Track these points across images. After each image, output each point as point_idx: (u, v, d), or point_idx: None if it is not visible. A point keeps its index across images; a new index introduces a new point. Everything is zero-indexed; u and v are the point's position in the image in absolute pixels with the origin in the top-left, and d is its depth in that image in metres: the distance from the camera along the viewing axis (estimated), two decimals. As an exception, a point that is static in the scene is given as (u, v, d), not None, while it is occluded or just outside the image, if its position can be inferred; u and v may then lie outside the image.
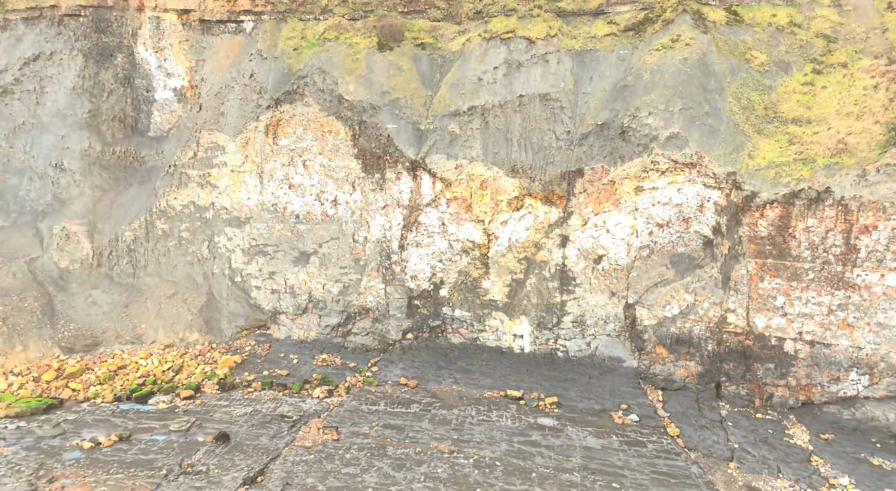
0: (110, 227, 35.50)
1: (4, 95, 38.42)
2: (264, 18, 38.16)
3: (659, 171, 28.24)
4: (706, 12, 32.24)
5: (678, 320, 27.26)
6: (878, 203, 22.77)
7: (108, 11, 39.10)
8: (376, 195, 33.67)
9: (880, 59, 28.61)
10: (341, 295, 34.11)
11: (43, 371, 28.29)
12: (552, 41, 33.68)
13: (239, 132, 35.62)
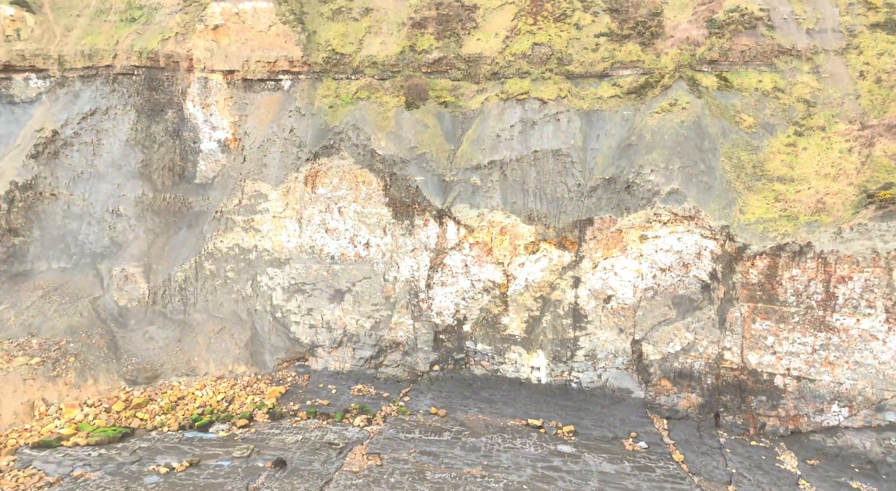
0: (164, 268, 38.62)
1: (65, 147, 41.87)
2: (301, 78, 41.76)
3: (661, 222, 31.43)
4: (700, 78, 35.78)
5: (680, 356, 30.20)
6: (852, 257, 25.87)
7: (160, 71, 42.76)
8: (405, 239, 36.84)
9: (854, 124, 32.00)
10: (373, 330, 37.06)
11: (112, 402, 31.14)
12: (562, 102, 37.18)
13: (281, 182, 38.94)
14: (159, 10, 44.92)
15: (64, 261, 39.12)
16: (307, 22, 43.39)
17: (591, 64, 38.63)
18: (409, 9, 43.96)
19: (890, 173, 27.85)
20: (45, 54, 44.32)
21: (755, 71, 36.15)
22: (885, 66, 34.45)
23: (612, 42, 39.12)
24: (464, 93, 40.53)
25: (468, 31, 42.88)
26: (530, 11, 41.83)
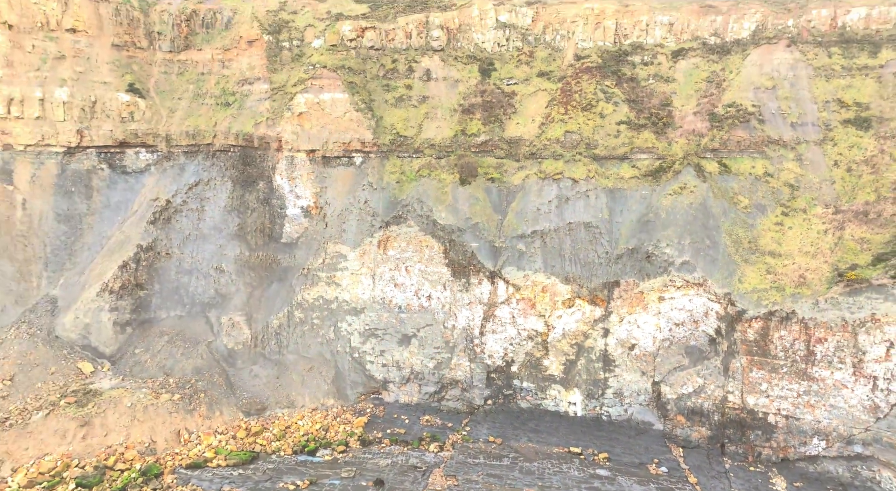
0: (262, 316, 45.56)
1: (176, 214, 49.18)
2: (371, 156, 49.06)
3: (675, 286, 38.11)
4: (704, 164, 42.74)
5: (692, 397, 36.66)
6: (826, 323, 32.39)
7: (253, 150, 50.20)
8: (462, 294, 43.66)
9: (829, 208, 38.75)
10: (436, 369, 43.72)
11: (236, 430, 37.85)
12: (591, 181, 44.20)
13: (358, 245, 46.00)
14: (249, 97, 52.55)
15: (179, 309, 46.21)
16: (375, 108, 50.87)
17: (614, 148, 45.74)
18: (459, 96, 51.38)
19: (856, 255, 34.54)
20: (154, 133, 51.96)
21: (749, 158, 43.10)
22: (855, 156, 41.29)
23: (631, 130, 46.26)
24: (507, 170, 47.70)
25: (509, 115, 50.19)
26: (561, 101, 49.10)
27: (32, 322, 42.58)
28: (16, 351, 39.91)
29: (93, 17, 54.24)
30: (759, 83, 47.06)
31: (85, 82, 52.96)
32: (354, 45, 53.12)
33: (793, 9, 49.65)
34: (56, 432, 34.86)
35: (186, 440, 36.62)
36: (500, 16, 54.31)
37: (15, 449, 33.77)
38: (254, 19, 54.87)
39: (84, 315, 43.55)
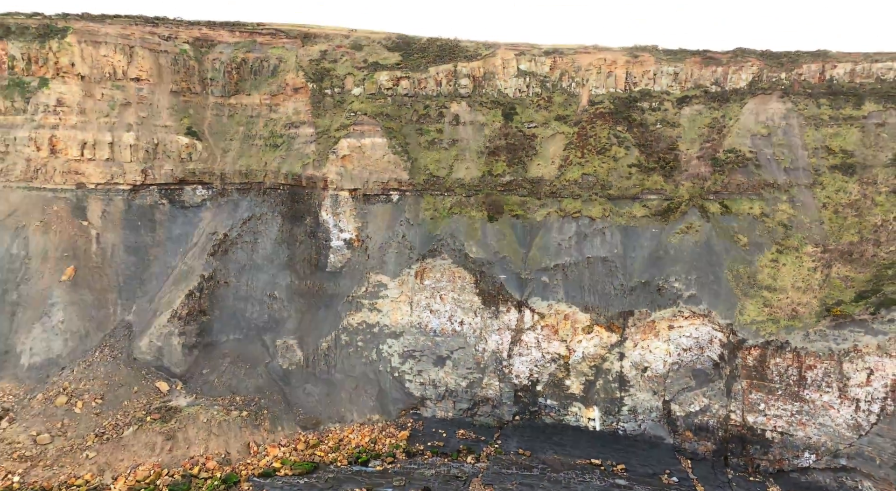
0: (312, 339, 50.21)
1: (232, 246, 53.97)
2: (407, 194, 53.86)
3: (683, 317, 42.68)
4: (708, 206, 47.42)
5: (699, 415, 41.12)
6: (815, 353, 36.89)
7: (301, 188, 55.04)
8: (492, 321, 48.27)
9: (818, 247, 43.35)
10: (468, 387, 48.26)
11: (297, 443, 42.42)
12: (606, 219, 48.92)
13: (397, 275, 50.69)
14: (296, 139, 57.48)
15: (237, 333, 50.89)
16: (410, 151, 55.73)
17: (626, 189, 50.47)
18: (485, 139, 56.25)
19: (842, 292, 39.11)
20: (210, 171, 56.89)
21: (748, 200, 47.76)
22: (841, 200, 45.93)
23: (642, 172, 51.01)
24: (530, 207, 52.44)
25: (530, 157, 55.00)
26: (578, 145, 53.90)
27: (113, 346, 47.32)
28: (103, 372, 44.64)
29: (154, 67, 59.39)
30: (756, 130, 51.82)
31: (148, 126, 58.01)
32: (390, 92, 58.10)
33: (785, 63, 54.49)
34: (146, 445, 39.49)
35: (255, 452, 41.19)
36: (521, 65, 59.29)
37: (113, 460, 38.38)
38: (298, 68, 59.94)
39: (157, 339, 48.28)
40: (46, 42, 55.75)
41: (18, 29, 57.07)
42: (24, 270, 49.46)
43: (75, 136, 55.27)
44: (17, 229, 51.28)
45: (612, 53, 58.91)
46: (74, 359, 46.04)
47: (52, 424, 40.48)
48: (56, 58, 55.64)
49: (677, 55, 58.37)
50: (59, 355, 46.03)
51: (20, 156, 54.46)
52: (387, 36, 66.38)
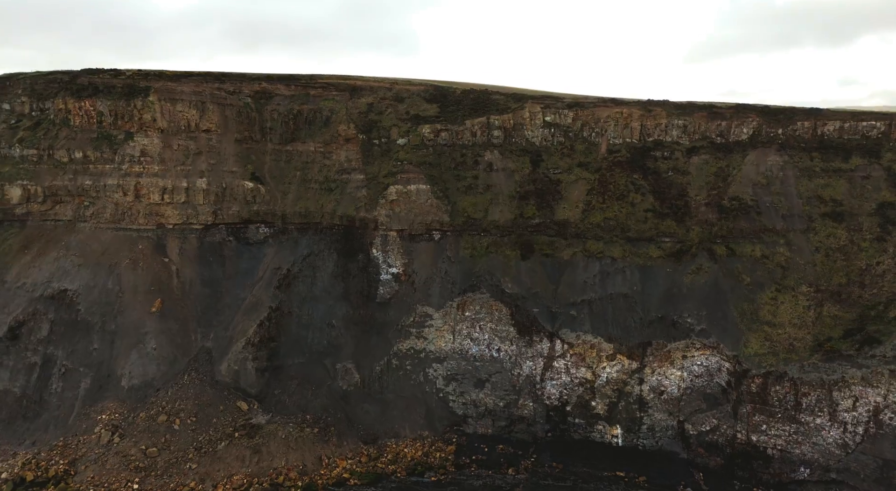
0: (367, 363, 56.33)
1: (294, 280, 60.27)
2: (448, 234, 60.16)
3: (695, 348, 48.65)
4: (715, 249, 53.50)
5: (709, 433, 46.96)
6: (810, 382, 42.75)
7: (354, 228, 61.41)
8: (526, 349, 54.30)
9: (811, 287, 49.30)
10: (506, 407, 54.20)
11: (361, 456, 48.42)
12: (626, 259, 55.05)
13: (441, 307, 56.85)
14: (348, 184, 63.94)
15: (301, 357, 57.04)
16: (450, 195, 62.09)
17: (643, 232, 56.62)
18: (516, 184, 62.55)
19: (832, 329, 45.04)
20: (272, 212, 63.36)
21: (750, 243, 53.81)
22: (831, 244, 51.93)
23: (656, 217, 57.17)
24: (557, 247, 58.61)
25: (556, 201, 61.25)
26: (599, 191, 60.12)
27: (197, 369, 53.57)
28: (192, 393, 50.85)
29: (221, 119, 66.13)
30: (756, 180, 57.96)
31: (217, 172, 64.64)
32: (431, 143, 64.57)
33: (782, 119, 60.69)
34: (237, 457, 45.59)
35: (326, 463, 47.22)
36: (546, 117, 65.71)
37: (211, 470, 44.47)
38: (349, 119, 66.53)
39: (234, 364, 54.51)
40: (131, 100, 62.57)
41: (106, 88, 63.94)
42: (119, 303, 55.86)
43: (156, 183, 61.92)
44: (110, 266, 57.77)
45: (628, 107, 65.29)
46: (167, 381, 52.31)
47: (156, 439, 46.67)
48: (140, 114, 62.43)
49: (686, 109, 64.69)
50: (153, 378, 52.29)
51: (110, 200, 61.11)
52: (424, 88, 72.96)
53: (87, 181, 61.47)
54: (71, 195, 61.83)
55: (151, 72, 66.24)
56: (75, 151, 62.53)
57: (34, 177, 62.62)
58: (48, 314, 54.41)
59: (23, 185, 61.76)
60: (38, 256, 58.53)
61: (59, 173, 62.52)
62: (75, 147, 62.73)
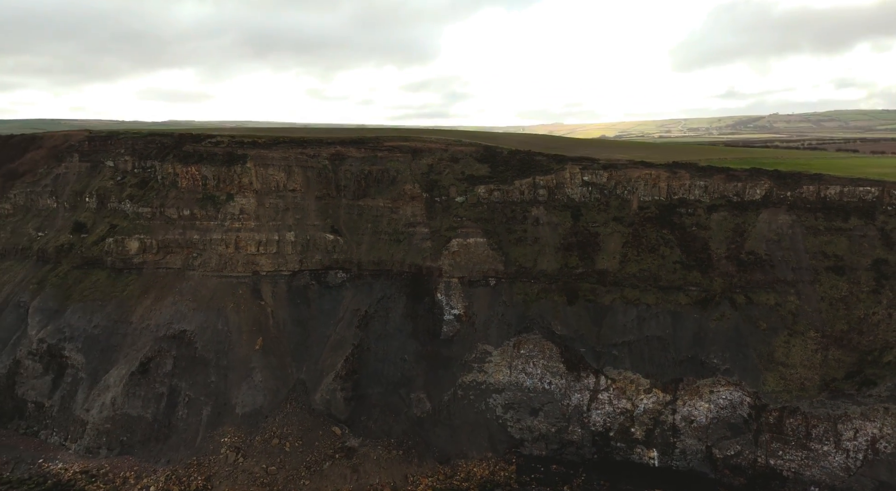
0: (436, 394, 65.45)
1: (370, 320, 69.79)
2: (503, 281, 69.58)
3: (721, 385, 57.44)
4: (735, 297, 62.51)
5: (734, 457, 55.58)
6: (818, 415, 51.42)
7: (421, 275, 70.95)
8: (574, 383, 63.28)
9: (818, 332, 58.10)
10: (557, 433, 63.04)
11: (438, 475, 57.29)
12: (659, 305, 64.13)
13: (499, 345, 66.06)
14: (414, 236, 73.68)
15: (379, 388, 66.29)
16: (503, 246, 71.64)
17: (673, 281, 65.76)
18: (560, 237, 72.03)
19: (836, 371, 53.77)
20: (349, 260, 73.19)
21: (765, 292, 62.77)
22: (834, 295, 60.78)
23: (684, 269, 66.33)
24: (599, 293, 67.80)
25: (596, 252, 70.59)
26: (633, 244, 69.42)
27: (296, 399, 62.96)
28: (296, 420, 60.22)
29: (304, 180, 76.40)
30: (769, 236, 67.04)
31: (302, 226, 74.71)
32: (486, 200, 74.33)
33: (790, 183, 69.92)
34: (340, 476, 54.73)
35: (411, 481, 56.22)
36: (584, 177, 75.36)
37: (321, 486, 53.63)
38: (413, 179, 76.51)
39: (326, 394, 63.85)
40: (231, 167, 73.04)
41: (209, 156, 74.48)
42: (228, 341, 65.60)
43: (253, 237, 72.02)
44: (218, 310, 67.64)
45: (656, 169, 74.82)
46: (273, 409, 61.72)
47: (273, 459, 55.95)
48: (239, 178, 72.83)
49: (707, 172, 74.12)
50: (262, 406, 61.73)
51: (214, 252, 71.22)
52: (475, 149, 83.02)
53: (195, 235, 71.69)
54: (181, 247, 72.08)
55: (246, 140, 76.79)
56: (184, 209, 72.92)
57: (149, 231, 72.96)
58: (171, 351, 64.20)
59: (140, 238, 72.10)
60: (156, 300, 68.53)
61: (170, 228, 72.84)
62: (183, 206, 73.12)
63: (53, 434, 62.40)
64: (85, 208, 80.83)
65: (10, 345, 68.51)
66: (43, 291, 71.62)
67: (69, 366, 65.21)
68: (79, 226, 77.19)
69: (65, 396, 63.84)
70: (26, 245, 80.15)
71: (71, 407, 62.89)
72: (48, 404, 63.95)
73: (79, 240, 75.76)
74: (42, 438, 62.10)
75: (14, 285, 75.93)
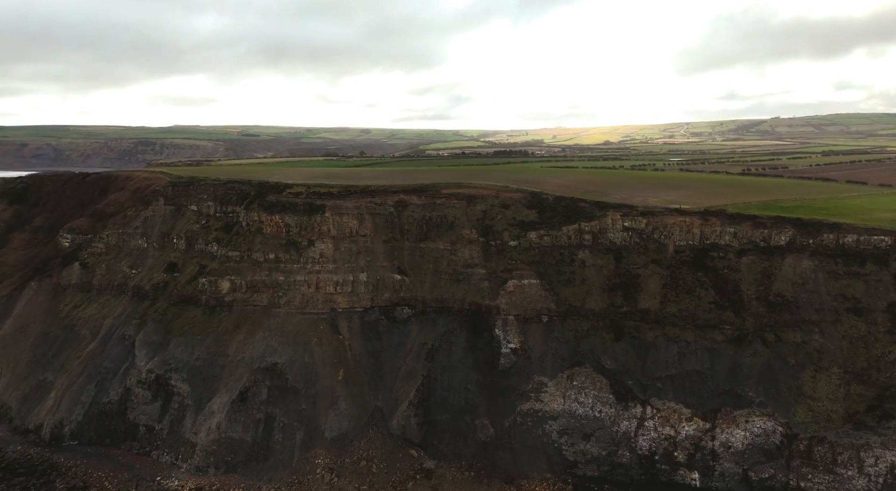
0: (498, 420, 73.69)
1: (436, 352, 78.34)
2: (554, 318, 78.03)
3: (755, 415, 65.42)
4: (766, 336, 70.67)
5: (768, 480, 63.35)
6: (843, 444, 59.26)
7: (480, 312, 79.54)
8: (623, 412, 71.37)
9: (841, 368, 66.01)
10: (607, 456, 71.02)
11: (509, 494, 65.29)
12: (697, 342, 72.34)
13: (553, 377, 74.39)
14: (472, 277, 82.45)
15: (447, 415, 74.57)
16: (553, 286, 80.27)
17: (709, 320, 74.00)
18: (604, 278, 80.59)
19: (857, 404, 61.65)
20: (414, 297, 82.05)
21: (792, 331, 70.85)
22: (854, 334, 68.82)
23: (718, 309, 74.56)
24: (642, 330, 76.11)
25: (638, 292, 79.00)
26: (672, 286, 77.82)
27: (375, 425, 71.43)
28: (378, 443, 68.63)
29: (373, 225, 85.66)
30: (794, 280, 75.24)
31: (373, 267, 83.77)
32: (537, 245, 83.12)
33: (811, 231, 78.24)
34: (424, 494, 62.89)
35: (486, 499, 64.25)
36: (624, 222, 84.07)
37: (409, 503, 61.81)
38: (470, 225, 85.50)
39: (401, 420, 72.30)
40: (312, 216, 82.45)
41: (291, 206, 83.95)
42: (315, 372, 74.34)
43: (331, 278, 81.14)
44: (304, 344, 76.52)
45: (689, 217, 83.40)
46: (357, 434, 70.22)
47: (363, 479, 64.31)
48: (318, 226, 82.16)
49: (735, 219, 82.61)
50: (347, 431, 70.24)
51: (298, 291, 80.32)
52: (523, 195, 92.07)
53: (280, 277, 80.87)
54: (267, 287, 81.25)
55: (322, 191, 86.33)
56: (269, 253, 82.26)
57: (238, 272, 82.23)
58: (265, 382, 73.00)
59: (231, 279, 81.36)
60: (248, 335, 77.53)
61: (257, 270, 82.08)
62: (269, 250, 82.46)
63: (165, 454, 71.16)
64: (174, 249, 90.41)
65: (121, 374, 77.57)
66: (146, 325, 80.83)
67: (175, 393, 74.10)
68: (171, 266, 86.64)
69: (173, 421, 72.64)
70: (121, 281, 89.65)
71: (180, 430, 71.66)
72: (158, 428, 72.75)
73: (172, 279, 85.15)
74: (154, 458, 70.87)
75: (115, 318, 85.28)
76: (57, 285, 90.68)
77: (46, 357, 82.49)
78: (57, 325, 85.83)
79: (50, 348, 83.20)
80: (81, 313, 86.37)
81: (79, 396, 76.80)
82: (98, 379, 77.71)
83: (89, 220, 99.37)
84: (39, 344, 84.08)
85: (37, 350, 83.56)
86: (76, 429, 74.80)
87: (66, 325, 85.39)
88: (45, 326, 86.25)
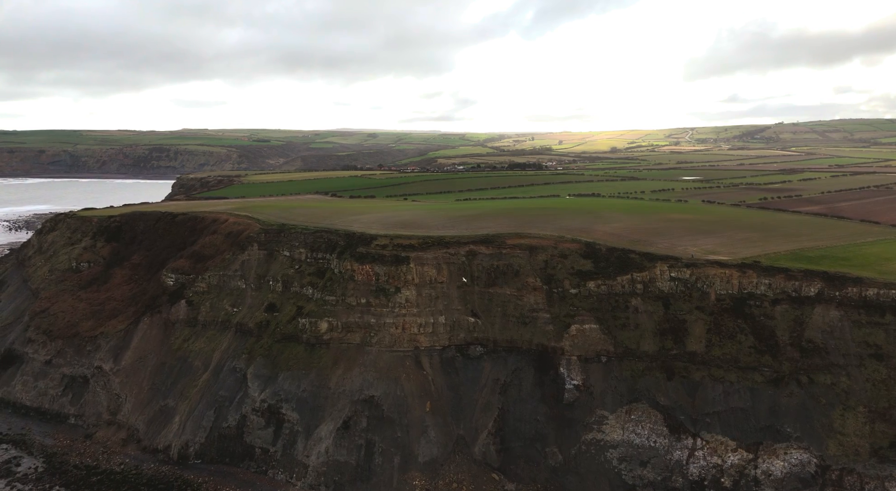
0: (565, 449, 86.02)
1: (508, 387, 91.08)
2: (613, 359, 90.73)
3: (793, 448, 77.46)
4: (800, 378, 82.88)
5: (806, 504, 75.11)
6: (869, 475, 71.13)
7: (546, 353, 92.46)
8: (675, 443, 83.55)
9: (866, 408, 78.03)
10: (662, 481, 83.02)
11: (580, 513, 77.49)
12: (740, 382, 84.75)
13: (613, 411, 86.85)
14: (538, 320, 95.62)
15: (520, 443, 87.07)
16: (611, 330, 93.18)
17: (749, 363, 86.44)
18: (655, 323, 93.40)
19: (881, 440, 73.62)
20: (486, 338, 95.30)
21: (822, 373, 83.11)
22: (876, 377, 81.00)
23: (757, 353, 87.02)
24: (690, 371, 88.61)
25: (685, 336, 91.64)
26: (715, 331, 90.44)
27: (460, 451, 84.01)
28: (465, 468, 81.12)
29: (448, 273, 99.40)
30: (823, 327, 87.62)
31: (449, 310, 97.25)
32: (595, 293, 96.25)
33: (837, 284, 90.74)
34: (510, 512, 75.14)
35: (561, 517, 76.40)
36: (671, 273, 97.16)
37: (499, 520, 74.05)
38: (534, 274, 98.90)
39: (482, 447, 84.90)
40: (398, 266, 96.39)
41: (380, 257, 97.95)
42: (406, 404, 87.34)
43: (415, 320, 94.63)
44: (395, 379, 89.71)
45: (729, 269, 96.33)
46: (445, 459, 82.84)
47: (457, 498, 76.69)
48: (404, 276, 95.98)
49: (769, 271, 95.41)
50: (436, 457, 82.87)
51: (387, 332, 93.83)
52: (579, 245, 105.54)
53: (372, 319, 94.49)
54: (360, 328, 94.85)
55: (404, 244, 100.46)
56: (361, 298, 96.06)
57: (334, 314, 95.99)
58: (364, 412, 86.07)
59: (328, 320, 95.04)
60: (346, 371, 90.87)
61: (351, 312, 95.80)
62: (360, 295, 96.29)
63: (280, 473, 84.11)
64: (270, 290, 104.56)
65: (236, 402, 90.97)
66: (255, 360, 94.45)
67: (286, 421, 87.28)
68: (271, 306, 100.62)
69: (285, 444, 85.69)
70: (224, 318, 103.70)
71: (292, 453, 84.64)
72: (272, 450, 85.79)
73: (272, 318, 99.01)
74: (271, 476, 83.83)
75: (222, 352, 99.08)
76: (167, 320, 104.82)
77: (165, 385, 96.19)
78: (171, 356, 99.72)
79: (168, 377, 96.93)
80: (192, 346, 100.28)
81: (200, 420, 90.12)
82: (216, 406, 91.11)
83: (189, 261, 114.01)
84: (157, 373, 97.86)
85: (156, 378, 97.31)
86: (199, 449, 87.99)
87: (180, 356, 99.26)
88: (160, 357, 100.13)
